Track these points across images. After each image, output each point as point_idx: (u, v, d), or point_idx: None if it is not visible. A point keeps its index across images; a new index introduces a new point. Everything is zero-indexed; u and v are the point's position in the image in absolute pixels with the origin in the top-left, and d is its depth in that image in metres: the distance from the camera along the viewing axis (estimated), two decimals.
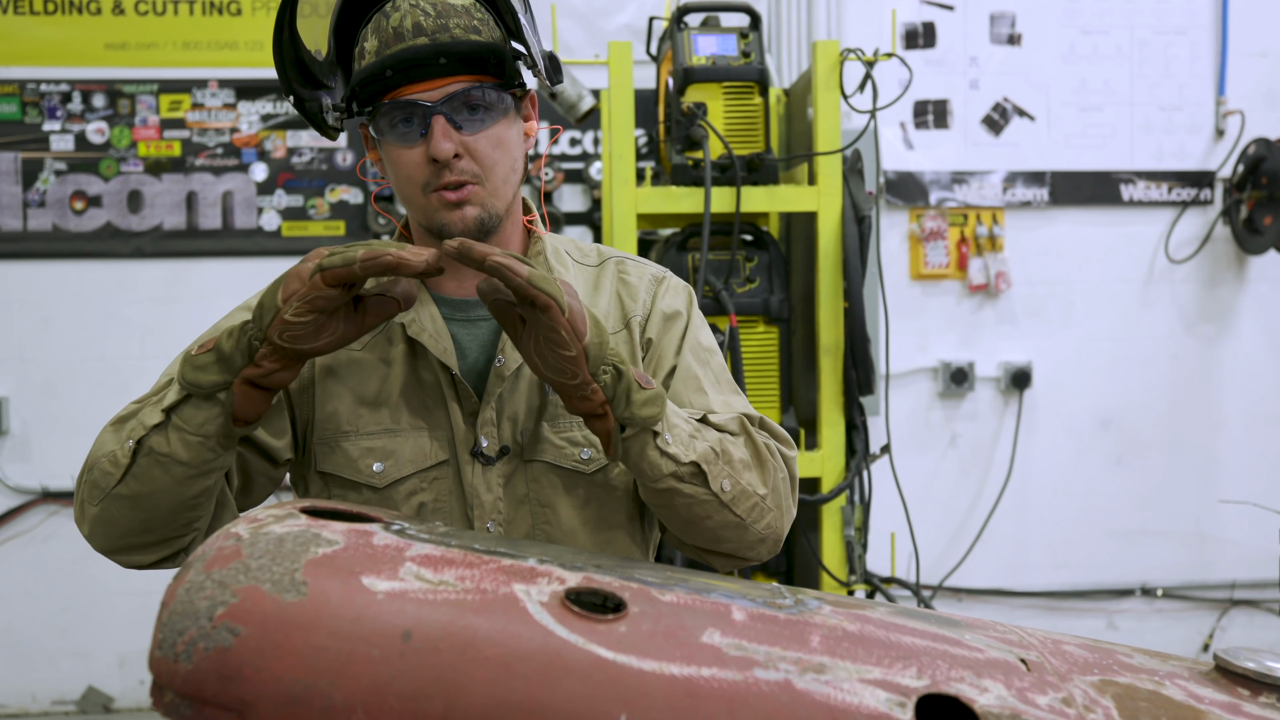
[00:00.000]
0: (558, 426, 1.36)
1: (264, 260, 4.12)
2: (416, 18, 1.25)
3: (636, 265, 1.48)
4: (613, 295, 1.44)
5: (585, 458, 1.36)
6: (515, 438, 1.36)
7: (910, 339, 4.11)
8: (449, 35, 1.25)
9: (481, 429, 1.35)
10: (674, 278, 1.49)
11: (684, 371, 1.39)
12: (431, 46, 1.24)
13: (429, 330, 1.36)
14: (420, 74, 1.25)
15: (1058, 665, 0.88)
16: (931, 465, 4.23)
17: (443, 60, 1.24)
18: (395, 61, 1.24)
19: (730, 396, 1.41)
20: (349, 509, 0.99)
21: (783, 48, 4.11)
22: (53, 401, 4.06)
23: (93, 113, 4.06)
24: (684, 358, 1.40)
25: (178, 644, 0.78)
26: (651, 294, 1.44)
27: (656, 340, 1.42)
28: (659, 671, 0.78)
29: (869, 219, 2.75)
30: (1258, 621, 4.36)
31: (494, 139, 1.29)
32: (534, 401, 1.37)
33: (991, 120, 4.22)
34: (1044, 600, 4.28)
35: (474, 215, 1.30)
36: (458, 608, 0.81)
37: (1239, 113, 4.22)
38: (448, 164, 1.27)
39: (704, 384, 1.39)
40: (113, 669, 4.09)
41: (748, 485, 1.28)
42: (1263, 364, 4.33)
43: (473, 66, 1.26)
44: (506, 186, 1.33)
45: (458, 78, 1.26)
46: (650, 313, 1.43)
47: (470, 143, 1.28)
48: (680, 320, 1.44)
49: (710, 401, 1.37)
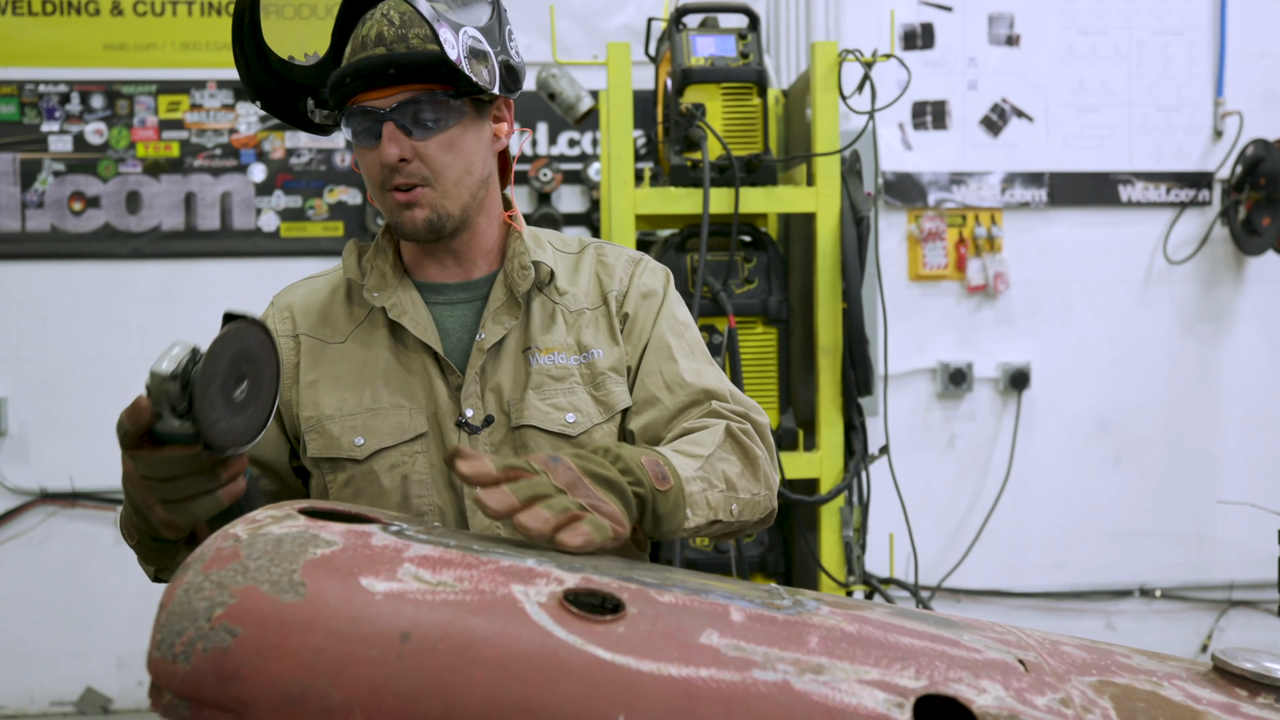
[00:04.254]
0: (543, 394, 1.43)
1: (262, 261, 4.12)
2: (381, 28, 1.35)
3: (614, 248, 1.57)
4: (591, 275, 1.52)
5: (570, 420, 1.42)
6: (501, 408, 1.42)
7: (909, 340, 4.11)
8: (405, 45, 1.33)
9: (465, 401, 1.41)
10: (651, 260, 1.57)
11: (656, 341, 1.47)
12: (383, 57, 1.33)
13: (409, 313, 1.44)
14: (374, 83, 1.34)
15: (1056, 666, 0.88)
16: (930, 466, 4.23)
17: (391, 70, 1.33)
18: (352, 70, 1.34)
19: (702, 365, 1.48)
20: (348, 510, 0.99)
21: (781, 49, 4.11)
22: (51, 402, 4.06)
23: (91, 113, 4.06)
24: (658, 329, 1.49)
25: (176, 645, 0.78)
26: (629, 273, 1.52)
27: (633, 315, 1.50)
28: (657, 672, 0.78)
29: (867, 220, 2.75)
30: (1256, 622, 4.36)
31: (445, 143, 1.37)
32: (519, 373, 1.44)
33: (990, 121, 4.22)
34: (1042, 601, 4.28)
35: (423, 217, 1.39)
36: (456, 608, 0.80)
37: (1237, 113, 4.23)
38: (396, 167, 1.36)
39: (675, 352, 1.46)
40: (111, 670, 4.09)
41: (746, 494, 1.34)
42: (1261, 365, 4.33)
43: (424, 75, 1.34)
44: (460, 188, 1.40)
45: (408, 87, 1.34)
46: (628, 290, 1.51)
47: (420, 147, 1.36)
48: (656, 298, 1.52)
49: (680, 369, 1.45)
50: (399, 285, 1.46)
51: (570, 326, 1.47)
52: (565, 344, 1.45)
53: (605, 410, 1.44)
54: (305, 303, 1.51)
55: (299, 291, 1.53)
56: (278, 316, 1.51)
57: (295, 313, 1.50)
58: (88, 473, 4.03)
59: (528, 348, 1.44)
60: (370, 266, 1.48)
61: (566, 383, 1.44)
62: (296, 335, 1.48)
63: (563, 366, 1.44)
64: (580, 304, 1.49)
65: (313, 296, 1.52)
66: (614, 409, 1.45)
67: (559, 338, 1.46)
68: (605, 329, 1.48)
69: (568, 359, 1.45)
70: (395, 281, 1.46)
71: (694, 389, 1.43)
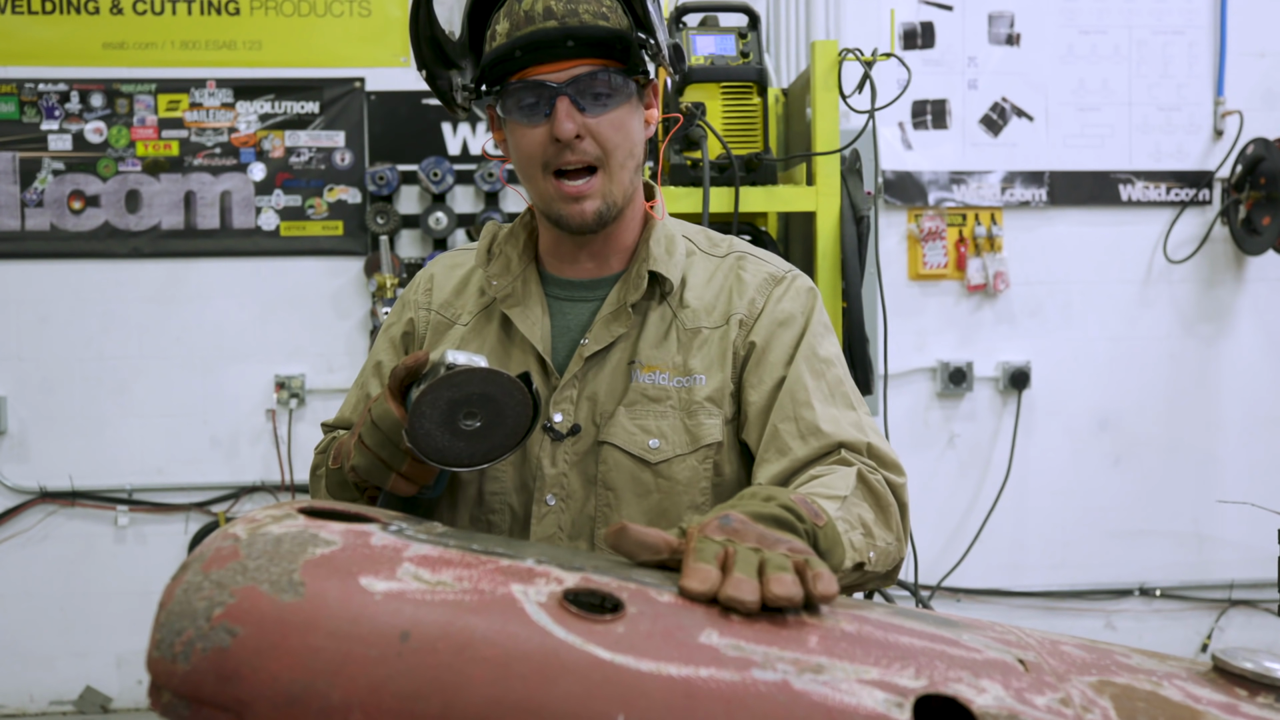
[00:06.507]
0: (634, 413, 1.37)
1: (262, 260, 4.12)
2: (547, 2, 1.28)
3: (756, 262, 1.46)
4: (722, 290, 1.42)
5: (653, 446, 1.36)
6: (593, 419, 1.37)
7: (908, 339, 4.11)
8: (577, 20, 1.28)
9: (557, 405, 1.37)
10: (799, 279, 1.46)
11: (793, 382, 1.35)
12: (560, 29, 1.27)
13: (523, 305, 1.41)
14: (548, 55, 1.28)
15: (1055, 665, 0.88)
16: (930, 465, 4.23)
17: (570, 43, 1.28)
18: (524, 42, 1.28)
19: (842, 411, 1.35)
20: (347, 509, 0.99)
21: (781, 48, 4.11)
22: (50, 401, 4.06)
23: (90, 112, 4.06)
24: (796, 367, 1.36)
25: (175, 644, 0.78)
26: (765, 295, 1.42)
27: (764, 346, 1.38)
28: (657, 672, 0.78)
29: (867, 219, 2.75)
30: (1256, 622, 4.36)
31: (615, 122, 1.32)
32: (617, 385, 1.38)
33: (990, 120, 4.22)
34: (1042, 600, 4.28)
35: (593, 209, 1.34)
36: (455, 608, 0.80)
37: (1237, 113, 4.23)
38: (569, 144, 1.30)
39: (813, 397, 1.34)
40: (110, 669, 4.09)
41: (882, 544, 1.24)
42: (1261, 364, 4.33)
43: (599, 51, 1.30)
44: (624, 171, 1.35)
45: (584, 60, 1.29)
46: (760, 315, 1.40)
47: (593, 125, 1.31)
48: (794, 326, 1.40)
49: (817, 416, 1.32)
50: (523, 274, 1.42)
51: (682, 345, 1.39)
52: (672, 363, 1.38)
53: (692, 441, 1.36)
54: (445, 276, 1.50)
55: (446, 262, 1.53)
56: (420, 287, 1.51)
57: (435, 284, 1.50)
58: (87, 472, 4.03)
59: (633, 360, 1.38)
60: (499, 251, 1.45)
61: (662, 405, 1.37)
62: (430, 308, 1.48)
63: (661, 388, 1.37)
64: (699, 322, 1.40)
65: (455, 271, 1.51)
66: (700, 441, 1.36)
67: (667, 356, 1.38)
68: (717, 353, 1.38)
69: (670, 380, 1.37)
70: (520, 269, 1.43)
71: (829, 441, 1.31)
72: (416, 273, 1.52)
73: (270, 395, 4.11)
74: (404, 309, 1.53)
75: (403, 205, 4.16)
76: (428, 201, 4.14)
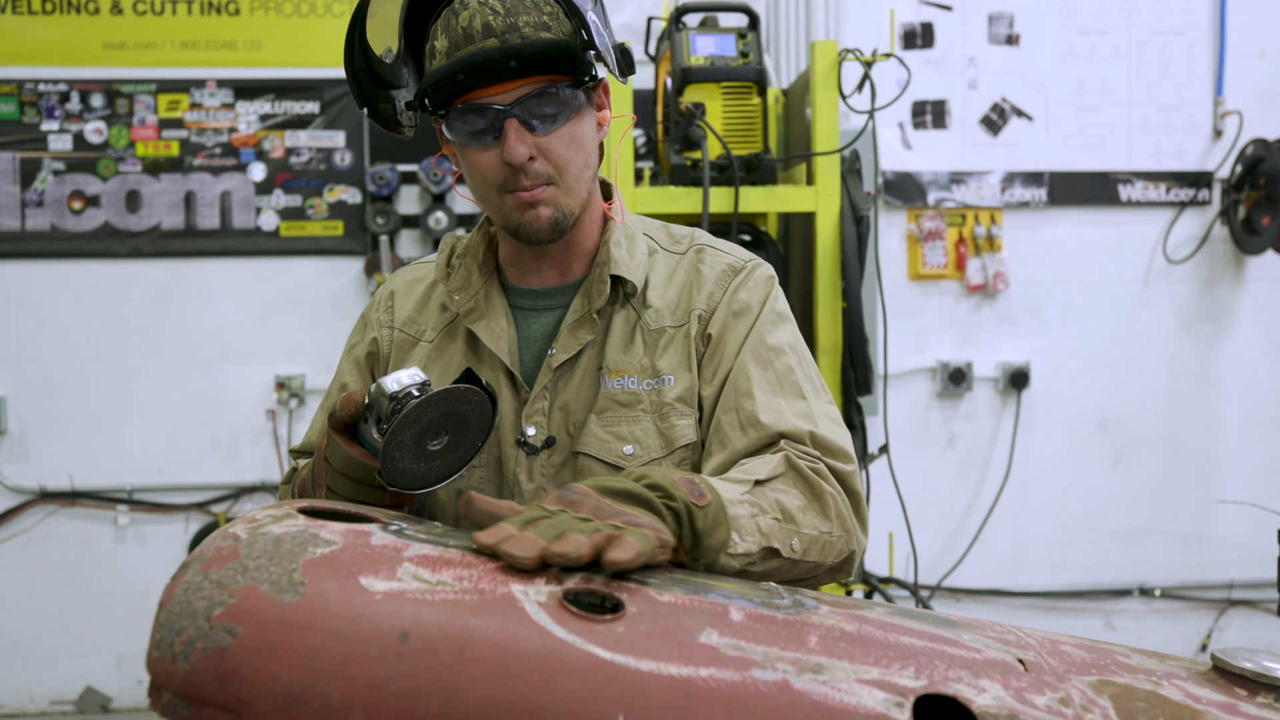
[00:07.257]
0: (605, 420, 1.33)
1: (262, 260, 4.12)
2: (485, 17, 1.23)
3: (715, 254, 1.42)
4: (684, 285, 1.39)
5: (628, 453, 1.33)
6: (567, 429, 1.34)
7: (908, 339, 4.11)
8: (519, 35, 1.23)
9: (529, 419, 1.34)
10: (759, 268, 1.42)
11: (737, 373, 1.32)
12: (501, 50, 1.22)
13: (487, 319, 1.37)
14: (491, 77, 1.23)
15: (1055, 665, 0.88)
16: (929, 465, 4.23)
17: (513, 63, 1.23)
18: (465, 65, 1.23)
19: (789, 400, 1.31)
20: (347, 509, 0.99)
21: (781, 48, 4.11)
22: (50, 401, 4.05)
23: (91, 112, 4.06)
24: (741, 358, 1.33)
25: (175, 644, 0.78)
26: (723, 287, 1.38)
27: (718, 338, 1.35)
28: (657, 672, 0.78)
29: (867, 219, 2.75)
30: (1255, 621, 4.36)
31: (567, 138, 1.28)
32: (588, 393, 1.35)
33: (990, 120, 4.22)
34: (1042, 600, 4.28)
35: (547, 216, 1.29)
36: (455, 608, 0.80)
37: (1237, 113, 4.23)
38: (522, 167, 1.26)
39: (755, 387, 1.31)
40: (110, 669, 4.09)
41: (811, 531, 1.20)
42: (1260, 364, 4.33)
43: (543, 67, 1.25)
44: (580, 183, 1.32)
45: (529, 79, 1.25)
46: (716, 307, 1.37)
47: (544, 143, 1.27)
48: (748, 317, 1.36)
49: (757, 407, 1.29)
50: (484, 287, 1.39)
51: (648, 347, 1.35)
52: (640, 366, 1.34)
53: (666, 445, 1.33)
54: (406, 292, 1.47)
55: (405, 277, 1.49)
56: (381, 305, 1.48)
57: (396, 301, 1.46)
58: (87, 472, 4.03)
59: (601, 366, 1.35)
60: (459, 264, 1.41)
61: (634, 410, 1.33)
62: (393, 326, 1.45)
63: (631, 392, 1.33)
64: (662, 321, 1.36)
65: (415, 286, 1.47)
66: (675, 444, 1.33)
67: (634, 359, 1.35)
68: (682, 352, 1.35)
69: (639, 384, 1.34)
70: (480, 282, 1.39)
71: (768, 431, 1.27)
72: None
73: (270, 395, 4.11)
74: (366, 328, 1.49)
75: (403, 205, 4.16)
76: (428, 201, 4.14)
